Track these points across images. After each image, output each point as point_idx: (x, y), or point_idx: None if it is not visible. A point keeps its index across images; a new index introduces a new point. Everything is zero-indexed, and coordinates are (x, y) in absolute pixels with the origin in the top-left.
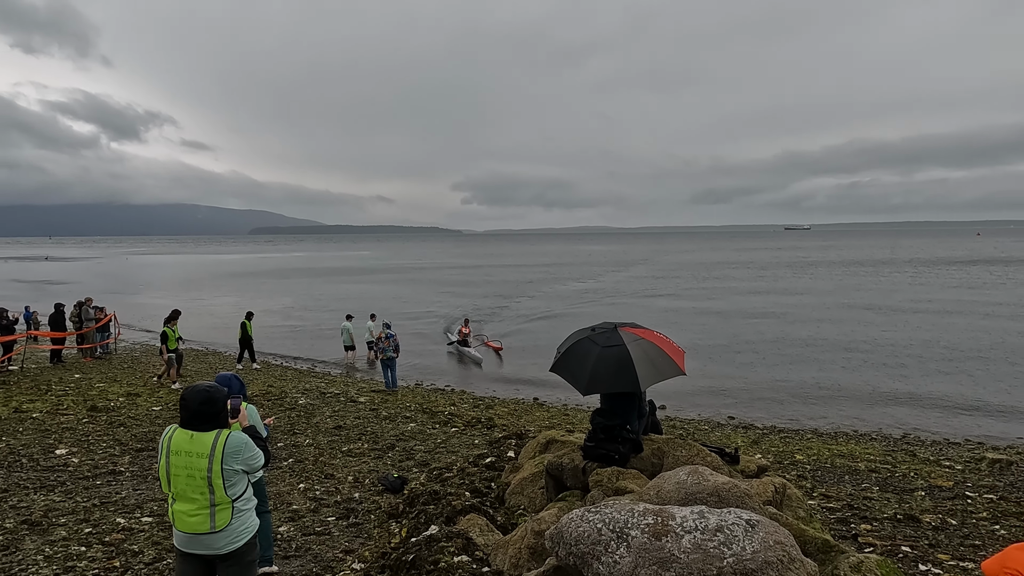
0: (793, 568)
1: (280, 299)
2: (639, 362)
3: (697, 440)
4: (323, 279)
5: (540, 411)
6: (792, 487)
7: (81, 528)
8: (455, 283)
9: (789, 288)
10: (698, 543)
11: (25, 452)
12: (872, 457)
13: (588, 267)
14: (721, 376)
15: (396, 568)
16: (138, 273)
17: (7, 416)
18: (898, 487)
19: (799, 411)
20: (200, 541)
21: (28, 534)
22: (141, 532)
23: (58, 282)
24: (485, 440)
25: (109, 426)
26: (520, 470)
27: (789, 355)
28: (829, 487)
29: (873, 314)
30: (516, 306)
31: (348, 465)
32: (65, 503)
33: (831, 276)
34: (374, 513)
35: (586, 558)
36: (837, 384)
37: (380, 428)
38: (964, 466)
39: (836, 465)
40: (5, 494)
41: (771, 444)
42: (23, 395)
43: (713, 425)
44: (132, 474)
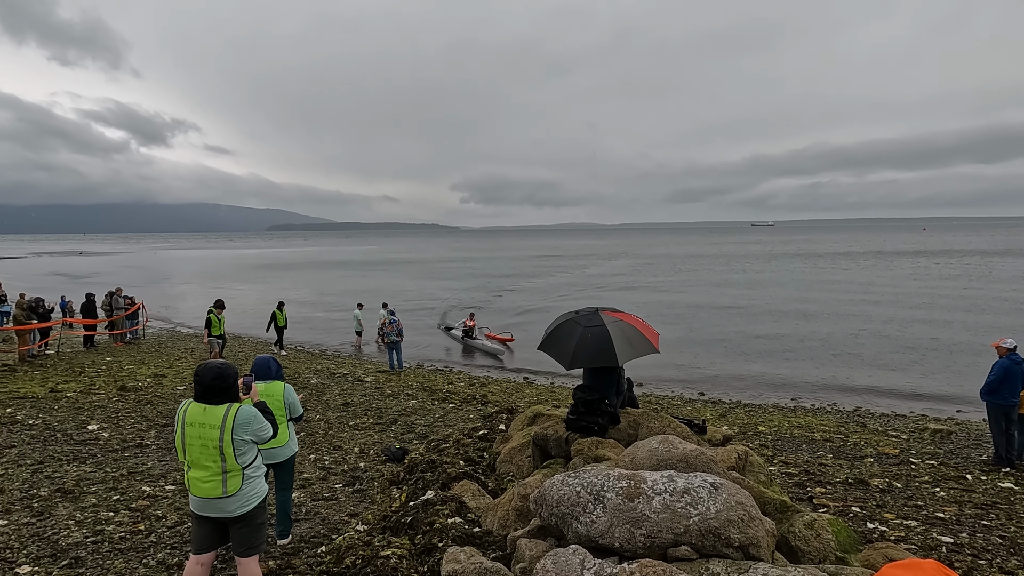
0: (753, 526)
1: (295, 289)
2: (617, 340)
3: (669, 413)
4: (335, 271)
5: (529, 389)
6: (754, 455)
7: (110, 496)
8: (456, 275)
9: (756, 278)
10: (667, 504)
11: (60, 428)
12: (827, 428)
13: (576, 260)
14: (693, 357)
15: (396, 529)
16: (166, 266)
17: (44, 395)
18: (849, 455)
19: (762, 388)
20: (213, 505)
21: (61, 501)
22: (165, 499)
23: (91, 274)
24: (479, 415)
25: (137, 404)
26: (509, 441)
27: (755, 339)
28: (788, 455)
29: (831, 301)
30: (510, 295)
31: (355, 438)
32: (96, 473)
33: (793, 267)
34: (377, 480)
35: (566, 518)
36: (797, 365)
37: (384, 404)
38: (909, 436)
39: (795, 435)
40: (41, 465)
41: (737, 417)
42: (59, 376)
43: (685, 400)
44: (157, 447)
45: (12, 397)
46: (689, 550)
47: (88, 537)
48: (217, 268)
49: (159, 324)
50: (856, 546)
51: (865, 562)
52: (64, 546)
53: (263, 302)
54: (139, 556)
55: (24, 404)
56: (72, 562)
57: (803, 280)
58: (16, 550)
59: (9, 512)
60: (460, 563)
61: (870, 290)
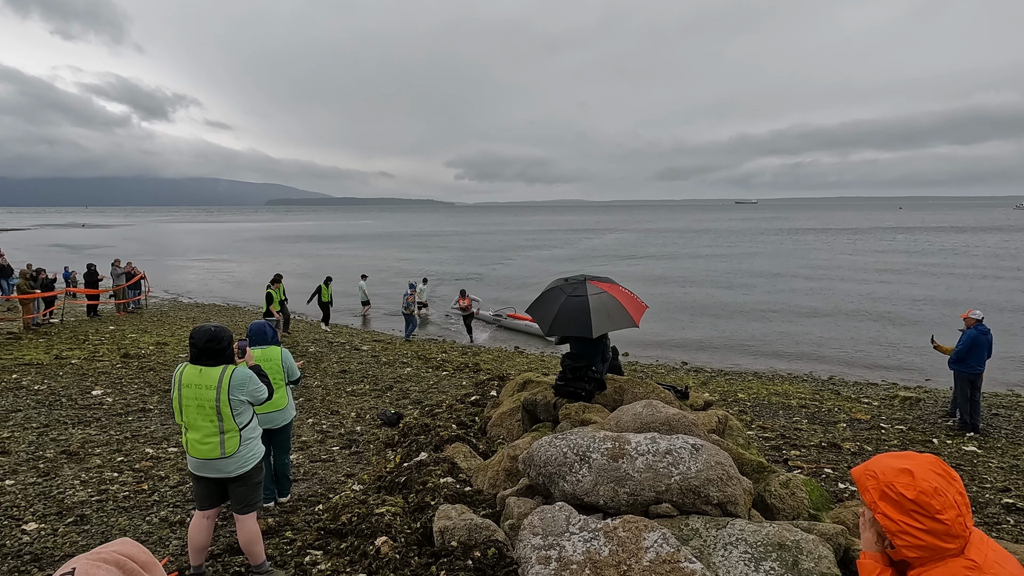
0: (731, 485)
1: (293, 261)
2: (595, 312)
3: (653, 380)
4: (334, 245)
5: (520, 358)
6: (734, 419)
7: (114, 457)
8: (454, 248)
9: (738, 253)
10: (650, 464)
11: (64, 393)
12: (803, 395)
13: (568, 234)
14: (678, 327)
15: (390, 488)
16: (168, 239)
17: (48, 362)
18: (824, 420)
19: (743, 358)
20: (212, 465)
21: (67, 462)
22: (167, 460)
23: (93, 246)
24: (472, 382)
25: (140, 371)
26: (500, 406)
27: (737, 311)
28: (765, 420)
29: (810, 275)
30: (505, 268)
31: (351, 403)
32: (100, 436)
33: (775, 242)
34: (373, 443)
35: (553, 477)
36: (776, 336)
37: (380, 372)
38: (880, 403)
39: (772, 402)
40: (46, 428)
41: (718, 385)
42: (63, 344)
43: (668, 368)
44: (160, 411)
45: (18, 363)
46: (670, 507)
47: (93, 496)
48: (219, 241)
49: (161, 295)
50: (828, 504)
51: (836, 519)
52: (70, 504)
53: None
54: (142, 514)
55: (29, 370)
56: (78, 519)
57: (784, 255)
58: (23, 508)
59: (16, 472)
60: (451, 519)
61: (846, 264)
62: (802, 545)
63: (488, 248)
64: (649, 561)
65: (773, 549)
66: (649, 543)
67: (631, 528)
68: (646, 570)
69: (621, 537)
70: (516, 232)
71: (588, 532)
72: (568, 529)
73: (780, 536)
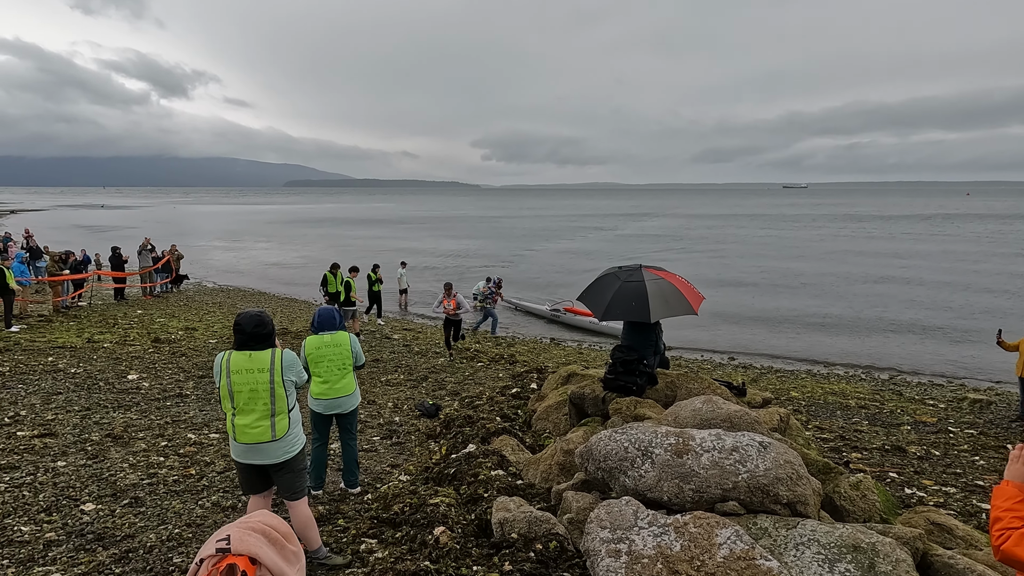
0: (801, 484)
1: (316, 246)
2: (653, 297)
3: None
4: (358, 229)
5: (557, 350)
6: (793, 418)
7: (158, 442)
8: (484, 234)
9: (788, 241)
10: (715, 460)
11: (101, 377)
12: (862, 395)
13: (604, 219)
14: (723, 320)
15: (439, 479)
16: (188, 221)
17: (81, 346)
18: (886, 422)
19: (795, 354)
20: (260, 450)
21: (112, 445)
22: (210, 446)
23: (114, 228)
24: (508, 374)
25: (172, 356)
26: (545, 399)
27: (787, 303)
28: (823, 421)
29: (867, 265)
30: (537, 256)
31: (387, 393)
32: (141, 420)
33: (828, 230)
34: (414, 434)
35: (614, 472)
36: (831, 331)
37: (413, 362)
38: (947, 404)
39: (828, 402)
40: (88, 411)
41: (769, 382)
42: (93, 328)
43: (715, 364)
44: (197, 397)
45: (52, 346)
46: (737, 505)
47: (143, 479)
48: (239, 224)
49: None
50: (895, 510)
51: (907, 524)
52: (122, 487)
53: (287, 259)
54: (194, 498)
55: (64, 353)
56: (132, 501)
57: (838, 244)
58: (79, 489)
59: (66, 454)
60: (510, 511)
61: (908, 255)
62: (878, 548)
63: (517, 235)
64: (723, 557)
65: (848, 551)
66: (722, 539)
67: (702, 524)
68: (720, 566)
69: (692, 533)
70: (547, 217)
71: (658, 527)
72: (636, 523)
73: (855, 538)
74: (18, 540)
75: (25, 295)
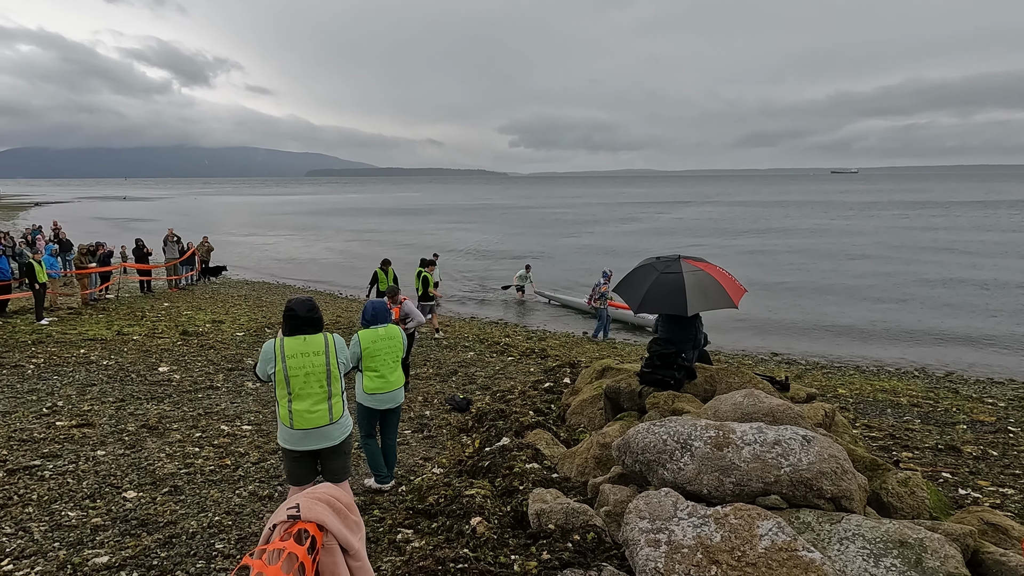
0: (846, 479)
1: (340, 237)
2: (691, 289)
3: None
4: (383, 219)
5: (589, 344)
6: (839, 414)
7: (192, 433)
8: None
9: (836, 229)
10: (757, 454)
11: (133, 369)
12: (914, 393)
13: (638, 208)
14: (766, 313)
15: (473, 472)
16: (210, 212)
17: (112, 338)
18: (940, 420)
19: (842, 349)
20: (319, 434)
21: (148, 436)
22: (244, 438)
23: (136, 220)
24: (540, 368)
25: (201, 348)
26: (579, 393)
27: (835, 296)
28: (871, 419)
29: (923, 257)
30: (570, 246)
31: (416, 387)
32: (174, 412)
33: (880, 218)
34: (445, 428)
35: (652, 465)
36: (881, 325)
37: (442, 356)
38: (1007, 403)
39: (878, 399)
40: (122, 403)
41: (814, 379)
42: (122, 320)
43: (757, 360)
44: (227, 389)
45: (83, 339)
46: (779, 499)
47: (181, 469)
48: (261, 215)
49: None
50: (947, 510)
51: (959, 523)
52: (161, 475)
53: (309, 250)
54: (231, 487)
55: (95, 345)
56: (172, 490)
57: (891, 232)
58: (119, 477)
59: (104, 444)
60: (547, 503)
61: (968, 246)
62: (926, 543)
63: (547, 224)
64: (764, 548)
65: (894, 546)
66: (763, 531)
67: (743, 516)
68: (761, 557)
69: (733, 524)
70: (579, 206)
71: (697, 518)
72: (676, 514)
73: (901, 533)
74: (66, 524)
75: (54, 288)
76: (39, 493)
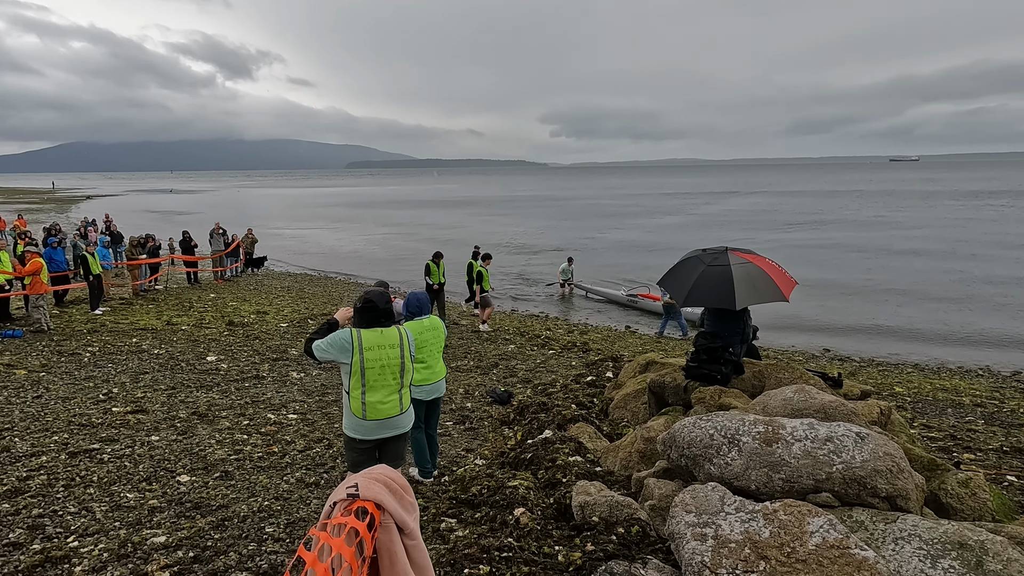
0: (901, 477)
1: (381, 230)
2: (739, 282)
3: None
4: (425, 211)
5: (632, 338)
6: (895, 413)
7: (240, 421)
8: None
9: (895, 220)
10: (808, 450)
11: (182, 358)
12: (977, 392)
13: (685, 199)
14: (818, 308)
15: (516, 464)
16: (253, 204)
17: (161, 328)
18: (1005, 422)
19: (900, 346)
20: (391, 424)
21: (199, 423)
22: (290, 426)
23: (183, 212)
24: (581, 362)
25: (246, 339)
26: (622, 387)
27: (893, 291)
28: (930, 418)
29: (989, 249)
30: (611, 238)
31: (457, 379)
32: (223, 400)
33: (944, 208)
34: (486, 420)
35: (698, 460)
36: (942, 323)
37: (483, 348)
38: None
39: (938, 399)
40: (173, 391)
41: (869, 376)
42: (171, 311)
43: (808, 356)
44: (273, 379)
45: (135, 328)
46: (831, 497)
47: (231, 455)
48: (303, 207)
49: None
50: (1012, 514)
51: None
52: (212, 461)
53: (351, 243)
54: (279, 474)
55: (146, 335)
56: (223, 475)
57: (954, 225)
58: (173, 461)
59: (157, 430)
60: (591, 495)
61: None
62: (987, 546)
63: (589, 215)
64: (815, 545)
65: (953, 547)
66: (814, 528)
67: (793, 512)
68: (812, 554)
69: (782, 520)
70: (622, 196)
71: (745, 513)
72: (723, 509)
73: (961, 535)
74: (125, 505)
75: (107, 279)
76: (99, 475)
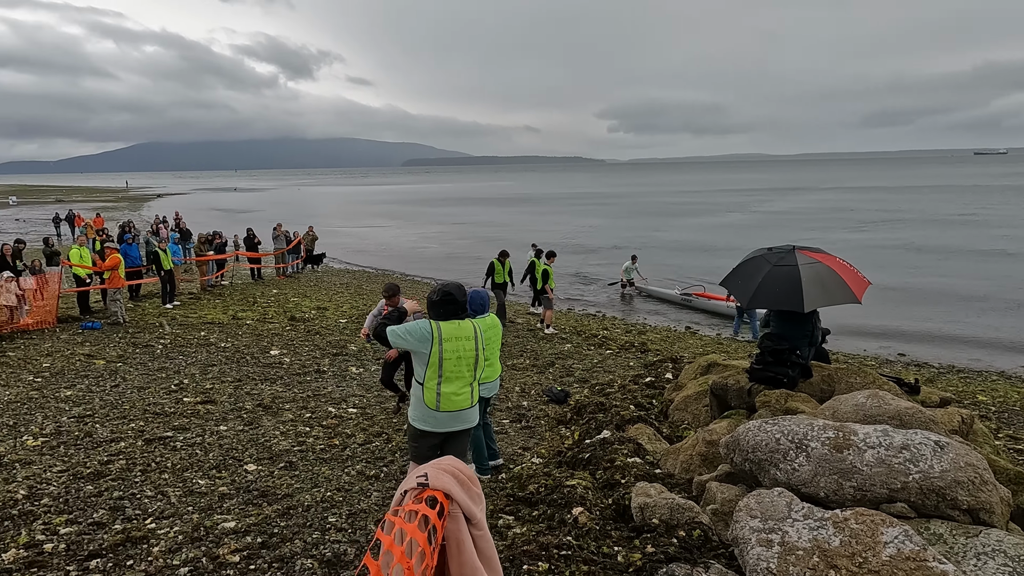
0: (985, 490)
1: (438, 227)
2: (808, 283)
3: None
4: (482, 208)
5: (692, 339)
6: (978, 422)
7: (302, 413)
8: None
9: (982, 217)
10: (882, 458)
11: (247, 351)
12: None
13: (748, 195)
14: (893, 310)
15: (573, 464)
16: (314, 202)
17: (227, 322)
18: None
19: (982, 353)
20: (462, 416)
21: (263, 414)
22: (350, 420)
23: (246, 209)
24: (640, 363)
25: (307, 334)
26: (683, 389)
27: (977, 292)
28: (1018, 430)
29: None
30: (669, 237)
31: (513, 377)
32: (286, 393)
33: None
34: (543, 419)
35: (763, 464)
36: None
37: (539, 347)
38: None
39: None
40: (239, 383)
41: (948, 383)
42: (236, 306)
43: (881, 361)
44: (333, 374)
45: (203, 322)
46: (906, 507)
47: (294, 446)
48: (361, 205)
49: None
50: None
51: None
52: (277, 451)
53: (410, 240)
54: (340, 466)
55: (214, 329)
56: (287, 465)
57: None
58: (240, 451)
59: (226, 420)
60: (651, 497)
61: None
62: None
63: (648, 213)
64: (889, 556)
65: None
66: (888, 538)
67: (865, 520)
68: (886, 565)
69: (854, 529)
70: (684, 192)
71: (814, 520)
72: (790, 515)
73: None
74: (197, 491)
75: (177, 274)
76: (172, 462)
